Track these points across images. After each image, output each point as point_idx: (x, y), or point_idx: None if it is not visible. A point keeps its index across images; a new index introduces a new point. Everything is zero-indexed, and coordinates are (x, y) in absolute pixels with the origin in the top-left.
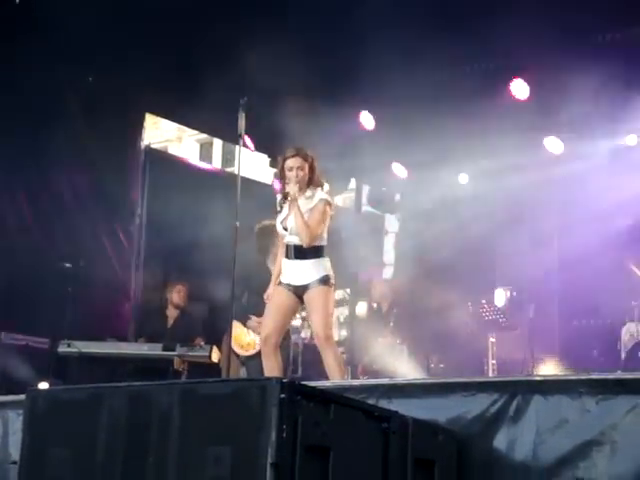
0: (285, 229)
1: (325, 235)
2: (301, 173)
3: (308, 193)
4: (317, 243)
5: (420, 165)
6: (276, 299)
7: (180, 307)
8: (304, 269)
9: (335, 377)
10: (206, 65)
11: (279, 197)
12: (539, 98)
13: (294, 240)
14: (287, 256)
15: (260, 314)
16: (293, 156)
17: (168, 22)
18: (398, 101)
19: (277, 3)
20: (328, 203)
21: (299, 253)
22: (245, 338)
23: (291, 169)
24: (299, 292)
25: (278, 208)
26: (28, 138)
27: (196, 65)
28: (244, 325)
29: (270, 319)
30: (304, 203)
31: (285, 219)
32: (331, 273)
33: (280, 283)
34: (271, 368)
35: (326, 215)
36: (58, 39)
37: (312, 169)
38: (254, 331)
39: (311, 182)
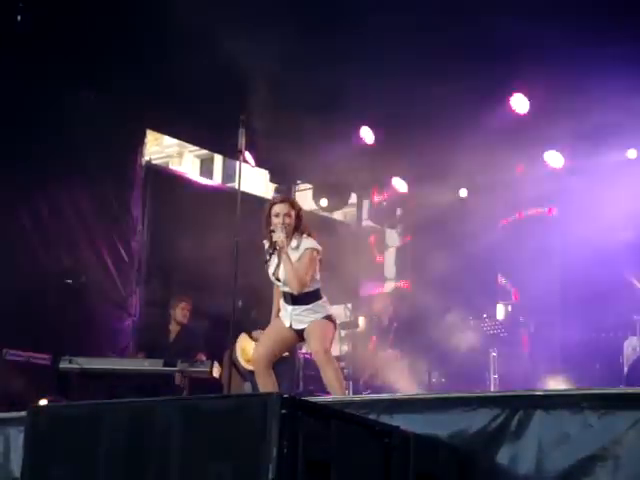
0: (278, 280)
1: (317, 277)
2: (288, 219)
3: (294, 243)
4: (311, 288)
5: (420, 179)
6: (274, 328)
7: (182, 323)
8: (303, 314)
9: (335, 392)
10: (206, 82)
11: (266, 244)
12: (539, 112)
13: (288, 290)
14: (285, 301)
15: None
16: (281, 202)
17: (168, 39)
18: (398, 116)
19: (276, 19)
20: (315, 250)
21: (296, 300)
22: (252, 352)
23: (277, 215)
24: (299, 332)
25: (267, 257)
26: (29, 155)
27: (196, 82)
28: (252, 338)
29: (264, 344)
30: (290, 253)
31: (277, 270)
32: (331, 312)
33: (279, 317)
34: (264, 385)
35: (314, 262)
36: (59, 56)
37: (299, 217)
38: None
39: (297, 230)
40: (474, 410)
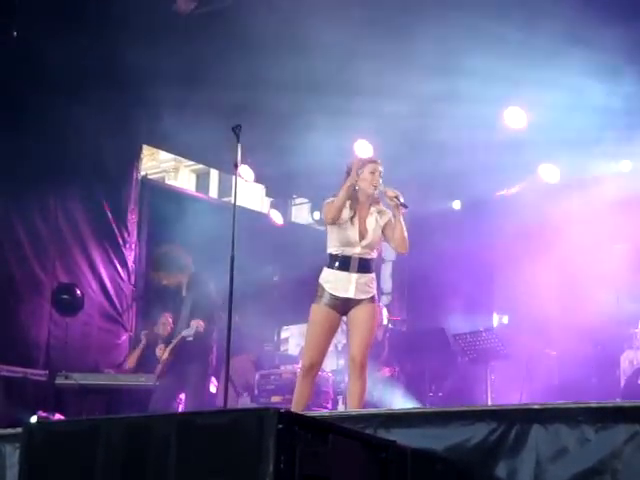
0: (362, 238)
1: None
2: (381, 181)
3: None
4: (376, 256)
5: (416, 192)
6: (322, 325)
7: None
8: (365, 283)
9: (354, 408)
10: (202, 96)
11: (348, 202)
12: (534, 125)
13: (363, 252)
14: (350, 268)
15: None
16: (378, 162)
17: (164, 54)
18: (393, 129)
19: (271, 34)
20: None
21: (363, 267)
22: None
23: (374, 172)
24: (347, 306)
25: (350, 213)
26: (25, 169)
27: (193, 96)
28: None
29: (318, 347)
30: (379, 215)
31: (364, 228)
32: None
33: (327, 301)
34: (301, 393)
35: None
36: (55, 71)
37: None
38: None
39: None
40: (471, 424)
